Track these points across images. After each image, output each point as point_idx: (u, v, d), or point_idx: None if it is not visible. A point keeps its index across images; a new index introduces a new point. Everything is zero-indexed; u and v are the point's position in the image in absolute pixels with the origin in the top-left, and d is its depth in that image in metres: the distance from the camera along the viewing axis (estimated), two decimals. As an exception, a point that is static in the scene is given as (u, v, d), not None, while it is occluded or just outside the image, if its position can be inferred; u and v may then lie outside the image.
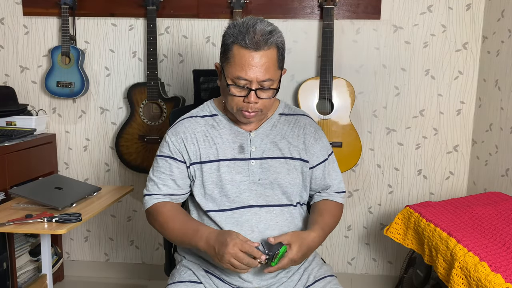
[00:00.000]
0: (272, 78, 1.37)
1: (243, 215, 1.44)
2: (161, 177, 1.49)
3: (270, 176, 1.48)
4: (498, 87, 2.37)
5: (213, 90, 1.98)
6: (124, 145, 2.61)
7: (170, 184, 1.49)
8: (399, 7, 2.54)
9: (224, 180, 1.45)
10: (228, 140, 1.49)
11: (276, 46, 1.36)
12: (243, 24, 1.35)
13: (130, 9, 2.60)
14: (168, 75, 2.67)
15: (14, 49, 2.70)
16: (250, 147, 1.49)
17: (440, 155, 2.66)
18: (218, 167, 1.46)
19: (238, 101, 1.39)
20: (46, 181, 2.17)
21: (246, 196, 1.46)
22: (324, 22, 2.43)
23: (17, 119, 2.54)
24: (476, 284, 1.43)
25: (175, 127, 1.52)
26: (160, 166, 1.50)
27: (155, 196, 1.50)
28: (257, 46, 1.32)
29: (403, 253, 2.71)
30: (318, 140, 1.56)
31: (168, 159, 1.49)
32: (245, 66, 1.33)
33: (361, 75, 2.60)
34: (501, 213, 1.88)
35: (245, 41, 1.32)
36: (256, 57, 1.33)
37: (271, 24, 1.38)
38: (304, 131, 1.55)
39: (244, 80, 1.35)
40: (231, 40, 1.35)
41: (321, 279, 1.50)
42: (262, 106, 1.41)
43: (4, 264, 2.16)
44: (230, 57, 1.36)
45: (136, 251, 2.86)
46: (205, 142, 1.48)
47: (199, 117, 1.53)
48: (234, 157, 1.47)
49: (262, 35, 1.33)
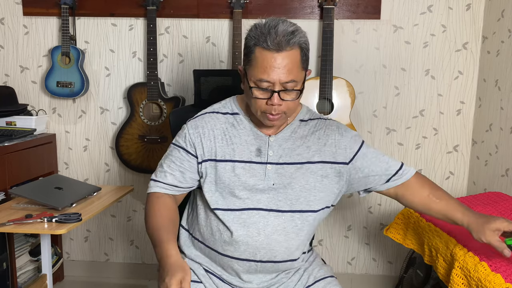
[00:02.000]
0: (296, 79, 1.34)
1: (251, 216, 1.41)
2: (171, 166, 1.48)
3: (284, 181, 1.43)
4: (498, 87, 2.37)
5: (213, 90, 1.98)
6: (124, 145, 2.61)
7: (177, 175, 1.47)
8: (399, 7, 2.54)
9: (237, 181, 1.43)
10: (246, 141, 1.46)
11: (299, 46, 1.34)
12: (265, 25, 1.32)
13: (130, 9, 2.60)
14: (168, 75, 2.67)
15: (14, 49, 2.70)
16: (267, 151, 1.45)
17: (440, 155, 2.66)
18: (233, 168, 1.43)
19: (261, 104, 1.36)
20: (46, 181, 2.17)
21: (257, 199, 1.43)
22: (324, 22, 2.43)
23: (17, 119, 2.54)
24: (476, 284, 1.43)
25: (195, 120, 1.50)
26: (172, 155, 1.49)
27: (159, 184, 1.49)
28: (279, 47, 1.29)
29: (403, 253, 2.71)
30: (344, 133, 1.50)
31: (181, 150, 1.47)
32: (267, 68, 1.31)
33: (361, 75, 2.60)
34: (501, 213, 1.88)
35: (267, 42, 1.29)
36: (278, 58, 1.30)
37: (293, 24, 1.35)
38: (326, 132, 1.49)
39: (267, 82, 1.32)
40: (253, 42, 1.33)
41: (321, 279, 1.50)
42: (286, 108, 1.37)
43: (4, 264, 2.16)
44: (253, 59, 1.33)
45: (136, 251, 2.86)
46: (222, 140, 1.46)
47: (220, 113, 1.50)
48: (250, 160, 1.44)
49: (284, 36, 1.30)
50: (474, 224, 1.40)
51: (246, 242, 1.40)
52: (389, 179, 1.51)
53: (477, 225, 1.39)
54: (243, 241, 1.40)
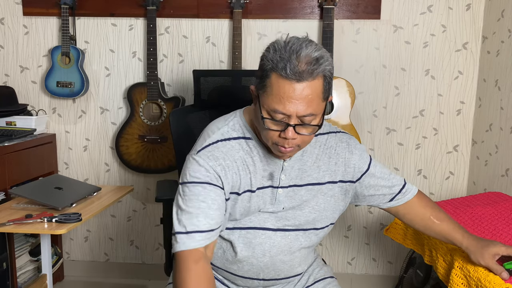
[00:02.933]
0: (315, 113, 1.17)
1: (256, 236, 1.35)
2: (202, 207, 1.22)
3: (294, 203, 1.35)
4: (498, 87, 2.37)
5: (213, 90, 1.98)
6: (124, 145, 2.61)
7: (212, 214, 1.23)
8: (399, 7, 2.54)
9: (248, 208, 1.33)
10: (260, 167, 1.32)
11: (323, 75, 1.16)
12: (285, 48, 1.14)
13: (130, 9, 2.60)
14: (168, 75, 2.67)
15: (14, 49, 2.70)
16: (280, 176, 1.33)
17: (440, 155, 2.66)
18: (249, 198, 1.32)
19: (273, 135, 1.20)
20: (46, 181, 2.17)
21: (264, 218, 1.36)
22: (324, 22, 2.43)
23: (17, 119, 2.54)
24: (476, 284, 1.43)
25: (209, 150, 1.27)
26: (197, 194, 1.23)
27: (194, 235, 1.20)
28: (300, 77, 1.12)
29: (403, 253, 2.71)
30: (354, 150, 1.40)
31: (208, 185, 1.24)
32: (284, 98, 1.14)
33: (361, 75, 2.60)
34: (501, 213, 1.88)
35: (286, 70, 1.12)
36: (297, 88, 1.13)
37: (318, 47, 1.16)
38: (336, 151, 1.38)
39: (282, 114, 1.16)
40: (269, 66, 1.15)
41: (320, 280, 1.50)
42: (301, 142, 1.22)
43: (4, 264, 2.16)
44: (268, 85, 1.16)
45: (136, 251, 2.86)
46: (243, 171, 1.30)
47: (232, 139, 1.31)
48: (262, 186, 1.33)
49: (307, 64, 1.12)
50: (474, 247, 1.39)
51: (251, 262, 1.37)
52: (392, 198, 1.47)
53: (476, 248, 1.38)
54: (247, 261, 1.37)
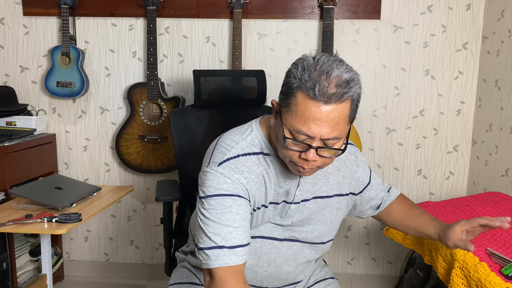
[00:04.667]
0: (339, 136, 1.12)
1: (263, 245, 1.34)
2: (237, 220, 1.17)
3: (303, 217, 1.34)
4: (498, 87, 2.37)
5: (213, 90, 1.98)
6: (124, 145, 2.61)
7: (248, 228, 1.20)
8: (399, 7, 2.54)
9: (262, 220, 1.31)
10: (276, 184, 1.28)
11: (352, 99, 1.11)
12: (315, 67, 1.08)
13: (130, 9, 2.60)
14: (168, 75, 2.67)
15: (14, 49, 2.70)
16: (295, 192, 1.30)
17: (440, 155, 2.66)
18: (264, 212, 1.29)
19: (293, 155, 1.15)
20: (46, 181, 2.17)
21: (272, 228, 1.34)
22: (324, 22, 2.43)
23: (17, 119, 2.54)
24: (476, 284, 1.43)
25: (232, 163, 1.22)
26: (227, 206, 1.17)
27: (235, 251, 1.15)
28: (328, 99, 1.06)
29: (403, 253, 2.71)
30: (360, 163, 1.41)
31: (237, 198, 1.18)
32: (309, 119, 1.08)
33: (361, 75, 2.59)
34: (501, 213, 1.88)
35: (315, 90, 1.06)
36: (324, 111, 1.07)
37: (350, 69, 1.12)
38: (345, 164, 1.37)
39: (305, 135, 1.10)
40: (296, 84, 1.09)
41: (321, 281, 1.50)
42: (321, 164, 1.16)
43: (4, 264, 2.16)
44: (292, 104, 1.10)
45: (136, 251, 2.86)
46: (262, 186, 1.27)
47: (253, 154, 1.26)
48: (276, 201, 1.30)
49: (337, 86, 1.07)
50: (442, 233, 1.38)
51: (255, 271, 1.37)
52: (379, 206, 1.51)
53: (444, 234, 1.37)
54: (251, 270, 1.36)
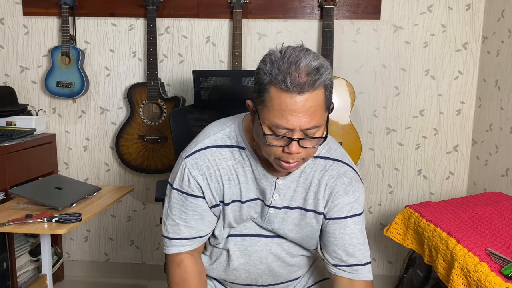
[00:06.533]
0: (318, 124, 1.11)
1: (253, 244, 1.34)
2: (183, 217, 1.28)
3: (286, 227, 1.31)
4: (498, 87, 2.37)
5: (213, 90, 1.98)
6: (124, 145, 2.61)
7: (193, 225, 1.29)
8: (399, 7, 2.54)
9: (241, 217, 1.32)
10: (252, 180, 1.28)
11: (324, 85, 1.10)
12: (283, 59, 1.08)
13: (130, 9, 2.60)
14: (168, 75, 2.67)
15: (14, 49, 2.70)
16: (272, 195, 1.28)
17: (440, 155, 2.66)
18: (239, 208, 1.30)
19: (276, 151, 1.14)
20: (46, 181, 2.17)
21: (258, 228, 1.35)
22: (324, 22, 2.43)
23: (17, 119, 2.54)
24: (476, 284, 1.43)
25: (195, 158, 1.26)
26: (180, 204, 1.28)
27: (175, 242, 1.30)
28: (301, 89, 1.06)
29: (403, 253, 2.71)
30: (349, 193, 1.29)
31: (189, 197, 1.27)
32: (286, 112, 1.08)
33: (361, 75, 2.60)
34: (501, 213, 1.88)
35: (286, 82, 1.06)
36: (299, 101, 1.07)
37: (317, 56, 1.11)
38: (335, 181, 1.28)
39: (285, 129, 1.09)
40: (267, 79, 1.09)
41: (320, 281, 1.50)
42: (306, 155, 1.16)
43: (4, 264, 2.16)
44: (267, 100, 1.09)
45: (136, 251, 2.86)
46: (229, 181, 1.27)
47: (224, 147, 1.27)
48: (255, 198, 1.30)
49: (308, 75, 1.06)
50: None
51: (248, 270, 1.37)
52: (337, 265, 1.33)
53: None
54: (244, 269, 1.37)
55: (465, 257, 1.52)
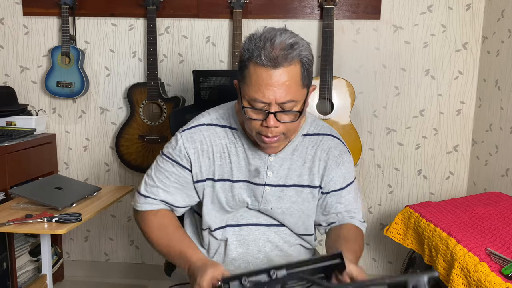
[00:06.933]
0: (294, 99, 1.17)
1: (250, 233, 1.36)
2: (164, 182, 1.34)
3: (283, 205, 1.35)
4: (498, 87, 2.37)
5: (213, 90, 1.98)
6: (124, 145, 2.61)
7: (172, 192, 1.34)
8: (399, 7, 2.54)
9: (234, 201, 1.35)
10: (244, 159, 1.33)
11: (300, 61, 1.16)
12: (260, 37, 1.16)
13: (130, 9, 2.60)
14: (168, 75, 2.67)
15: (14, 49, 2.70)
16: (266, 172, 1.33)
17: (440, 155, 2.66)
18: (231, 188, 1.33)
19: (256, 125, 1.21)
20: (46, 181, 2.17)
21: (256, 216, 1.37)
22: (324, 22, 2.43)
23: (17, 119, 2.54)
24: (476, 284, 1.43)
25: (191, 132, 1.34)
26: (165, 169, 1.34)
27: (151, 200, 1.35)
28: (275, 63, 1.13)
29: (403, 253, 2.71)
30: (341, 165, 1.36)
31: (176, 165, 1.33)
32: (262, 86, 1.14)
33: (361, 75, 2.60)
34: (501, 213, 1.88)
35: (261, 57, 1.13)
36: (274, 75, 1.13)
37: (294, 35, 1.18)
38: (328, 155, 1.36)
39: (262, 102, 1.16)
40: (247, 56, 1.17)
41: None
42: (285, 130, 1.22)
43: (4, 264, 2.16)
44: (246, 75, 1.17)
45: (136, 251, 2.86)
46: (221, 159, 1.33)
47: (218, 126, 1.35)
48: (248, 179, 1.34)
49: (282, 49, 1.13)
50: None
51: (246, 260, 1.38)
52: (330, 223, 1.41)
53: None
54: (242, 259, 1.38)
55: (465, 257, 1.52)
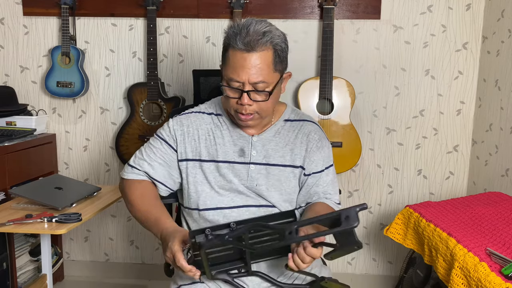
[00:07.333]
0: (266, 81, 1.34)
1: (241, 215, 1.43)
2: (150, 156, 1.49)
3: (268, 182, 1.47)
4: (498, 87, 2.37)
5: (213, 90, 1.99)
6: (124, 145, 2.61)
7: (155, 166, 1.48)
8: (399, 7, 2.54)
9: (222, 181, 1.45)
10: (230, 142, 1.48)
11: (273, 47, 1.34)
12: (239, 25, 1.34)
13: (130, 9, 2.60)
14: (168, 75, 2.67)
15: (14, 49, 2.70)
16: (251, 151, 1.47)
17: (440, 155, 2.66)
18: (217, 168, 1.46)
19: (233, 103, 1.38)
20: (46, 181, 2.17)
21: (245, 197, 1.46)
22: (324, 22, 2.43)
23: (17, 119, 2.54)
24: (476, 284, 1.43)
25: (181, 117, 1.52)
26: (153, 146, 1.50)
27: (136, 171, 1.49)
28: (249, 47, 1.30)
29: (403, 253, 2.71)
30: (321, 148, 1.52)
31: (164, 143, 1.49)
32: (237, 67, 1.32)
33: (361, 75, 2.60)
34: (501, 213, 1.88)
35: (237, 42, 1.31)
36: (248, 58, 1.31)
37: (269, 25, 1.35)
38: (308, 138, 1.51)
39: (237, 82, 1.34)
40: (227, 42, 1.35)
41: None
42: (258, 109, 1.38)
43: (4, 264, 2.16)
44: (226, 59, 1.36)
45: (136, 251, 2.86)
46: (206, 141, 1.48)
47: (206, 113, 1.53)
48: (234, 160, 1.46)
49: (255, 36, 1.31)
50: None
51: None
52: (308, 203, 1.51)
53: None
54: None
55: (465, 257, 1.52)
